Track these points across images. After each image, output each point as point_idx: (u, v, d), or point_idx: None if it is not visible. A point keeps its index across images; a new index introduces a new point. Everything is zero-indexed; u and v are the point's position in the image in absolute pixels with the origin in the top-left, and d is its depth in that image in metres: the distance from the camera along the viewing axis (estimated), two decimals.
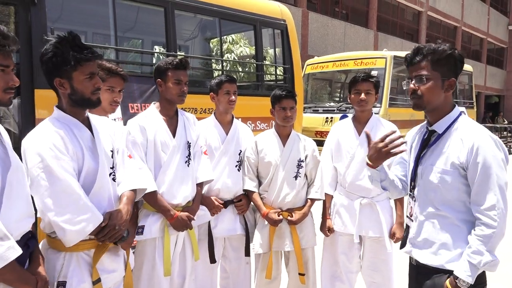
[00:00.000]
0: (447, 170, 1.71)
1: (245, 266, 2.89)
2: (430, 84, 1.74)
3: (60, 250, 1.73)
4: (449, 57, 1.73)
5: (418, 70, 1.76)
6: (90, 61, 1.71)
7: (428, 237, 1.78)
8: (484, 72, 27.73)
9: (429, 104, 1.77)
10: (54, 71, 1.69)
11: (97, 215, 1.71)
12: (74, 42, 1.68)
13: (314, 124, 8.15)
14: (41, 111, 3.33)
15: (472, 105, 12.15)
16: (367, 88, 2.70)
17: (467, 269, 1.63)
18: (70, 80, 1.70)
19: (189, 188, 2.48)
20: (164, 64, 2.44)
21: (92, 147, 1.77)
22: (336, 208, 2.84)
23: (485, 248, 1.61)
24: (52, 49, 1.68)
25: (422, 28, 22.48)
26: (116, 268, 1.89)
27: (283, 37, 5.54)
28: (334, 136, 2.87)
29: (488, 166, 1.63)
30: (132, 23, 5.16)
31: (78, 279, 1.73)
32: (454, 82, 1.75)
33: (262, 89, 5.27)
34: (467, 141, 1.68)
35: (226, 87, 2.74)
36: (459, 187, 1.71)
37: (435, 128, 1.80)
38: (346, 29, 17.76)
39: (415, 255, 1.85)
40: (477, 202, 1.66)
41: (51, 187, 1.62)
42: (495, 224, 1.61)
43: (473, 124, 1.76)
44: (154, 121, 2.43)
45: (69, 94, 1.72)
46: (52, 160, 1.63)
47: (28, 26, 3.33)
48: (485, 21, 28.09)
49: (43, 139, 1.66)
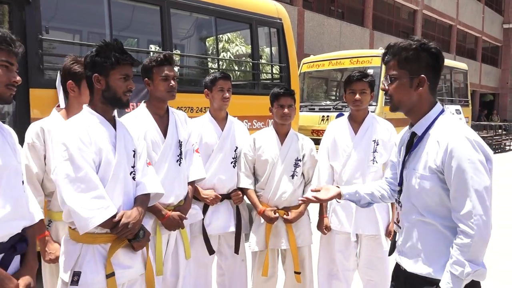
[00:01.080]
0: (426, 175, 1.61)
1: (240, 263, 2.90)
2: (396, 83, 1.66)
3: (79, 242, 1.83)
4: (418, 53, 1.63)
5: (389, 69, 1.69)
6: (127, 63, 1.89)
7: (414, 245, 1.69)
8: (479, 70, 27.88)
9: (401, 104, 1.69)
10: (95, 67, 1.86)
11: (111, 207, 1.79)
12: (117, 46, 1.88)
13: (310, 123, 8.15)
14: (36, 111, 3.31)
15: (468, 103, 12.22)
16: (362, 87, 2.70)
17: (449, 281, 1.53)
18: (107, 77, 1.86)
19: (181, 187, 2.47)
20: (149, 62, 2.42)
21: (114, 143, 1.88)
22: (332, 207, 2.84)
23: (465, 258, 1.50)
24: (98, 48, 1.88)
25: (417, 26, 22.56)
26: (132, 265, 1.93)
27: (279, 35, 5.55)
28: (330, 135, 2.87)
29: (462, 170, 1.51)
30: (127, 22, 5.13)
31: (92, 271, 1.80)
32: (424, 79, 1.63)
33: (258, 88, 5.27)
34: (442, 143, 1.57)
35: (220, 84, 2.74)
36: (440, 192, 1.60)
37: (415, 130, 1.71)
38: (342, 28, 17.79)
39: (403, 264, 1.76)
40: (456, 209, 1.55)
41: (72, 174, 1.73)
42: (473, 233, 1.49)
43: (450, 124, 1.63)
44: (144, 120, 2.41)
45: (103, 90, 1.88)
46: (75, 150, 1.75)
47: (23, 25, 3.31)
48: (480, 20, 28.23)
49: (70, 131, 1.81)
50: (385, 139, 2.75)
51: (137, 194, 1.98)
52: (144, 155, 2.10)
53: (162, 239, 2.39)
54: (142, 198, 1.99)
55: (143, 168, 2.04)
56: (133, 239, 1.89)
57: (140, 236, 1.91)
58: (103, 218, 1.76)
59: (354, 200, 2.04)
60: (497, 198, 7.79)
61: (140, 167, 2.02)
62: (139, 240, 1.91)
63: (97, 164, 1.82)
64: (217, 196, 2.72)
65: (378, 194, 2.01)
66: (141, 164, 2.04)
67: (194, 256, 2.70)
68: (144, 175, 2.03)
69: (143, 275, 2.00)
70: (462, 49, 26.98)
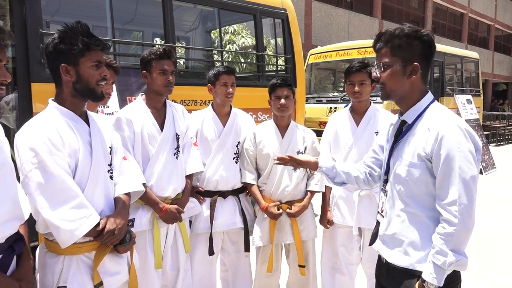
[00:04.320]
0: (415, 162, 1.60)
1: (244, 259, 2.87)
2: (389, 71, 1.63)
3: (59, 254, 1.65)
4: (411, 41, 1.60)
5: (380, 57, 1.66)
6: (98, 47, 1.67)
7: (397, 235, 1.67)
8: (491, 59, 27.34)
9: (393, 93, 1.66)
10: (61, 56, 1.63)
11: (94, 215, 1.63)
12: (83, 30, 1.65)
13: (318, 115, 8.07)
14: (39, 105, 3.31)
15: (479, 93, 11.98)
16: (361, 78, 2.63)
17: (432, 271, 1.51)
18: (77, 67, 1.64)
19: (178, 181, 2.45)
20: (148, 55, 2.38)
21: (89, 142, 1.71)
22: (335, 200, 2.80)
23: (448, 248, 1.49)
24: (60, 34, 1.63)
25: (428, 15, 22.16)
26: (120, 270, 1.81)
27: (284, 26, 5.47)
28: (332, 127, 2.82)
29: (451, 158, 1.50)
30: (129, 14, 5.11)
31: (78, 284, 1.65)
32: (417, 66, 1.61)
33: (263, 80, 5.21)
34: (433, 130, 1.56)
35: (223, 78, 2.67)
36: (427, 181, 1.59)
37: (405, 118, 1.69)
38: (350, 18, 17.55)
39: (384, 254, 1.74)
40: (440, 196, 1.54)
41: (46, 183, 1.54)
42: (456, 221, 1.48)
43: (442, 113, 1.62)
44: (141, 113, 2.38)
45: (74, 82, 1.65)
46: (46, 156, 1.55)
47: (23, 19, 3.30)
48: (493, 7, 27.62)
49: (37, 133, 1.58)
50: None
51: (116, 194, 1.82)
52: (120, 150, 1.93)
53: (160, 233, 2.38)
54: (123, 198, 1.83)
55: (119, 164, 1.88)
56: (119, 244, 1.75)
57: (126, 240, 1.77)
58: (87, 228, 1.59)
59: (330, 175, 1.99)
60: (509, 188, 7.60)
61: (117, 164, 1.86)
62: (126, 244, 1.77)
63: (72, 168, 1.63)
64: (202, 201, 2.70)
65: (354, 175, 1.98)
66: (118, 161, 1.87)
67: (200, 253, 2.69)
68: (121, 173, 1.87)
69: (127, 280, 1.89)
70: (474, 38, 26.47)
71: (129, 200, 1.90)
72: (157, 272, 2.37)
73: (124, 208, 1.81)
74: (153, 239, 2.35)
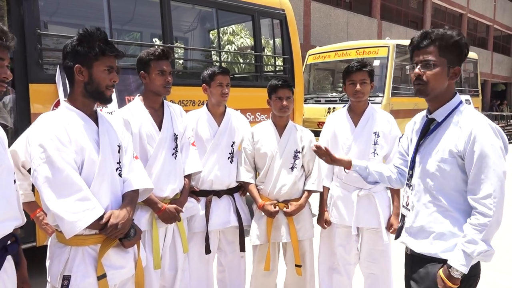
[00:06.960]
0: (445, 158, 1.68)
1: (239, 259, 2.88)
2: (437, 70, 1.69)
3: (66, 244, 1.74)
4: (456, 44, 1.68)
5: (425, 54, 1.69)
6: (113, 54, 1.79)
7: (424, 226, 1.76)
8: (490, 59, 27.38)
9: (433, 91, 1.72)
10: (77, 57, 1.75)
11: (97, 208, 1.70)
12: (101, 36, 1.77)
13: (317, 115, 8.07)
14: (37, 106, 3.31)
15: (477, 93, 11.98)
16: (362, 77, 2.63)
17: (461, 259, 1.60)
18: (90, 69, 1.76)
19: (177, 181, 2.45)
20: (146, 55, 2.38)
21: (97, 140, 1.79)
22: (333, 200, 2.80)
23: (480, 237, 1.58)
24: (79, 37, 1.76)
25: (427, 16, 22.19)
26: (125, 264, 1.86)
27: (282, 27, 5.47)
28: (330, 127, 2.82)
29: (485, 154, 1.60)
30: (127, 15, 5.11)
31: (82, 274, 1.73)
32: (459, 70, 1.70)
33: (261, 80, 5.21)
34: (465, 129, 1.65)
35: (219, 79, 2.69)
36: (457, 176, 1.68)
37: (435, 116, 1.77)
38: (349, 18, 17.57)
39: (409, 245, 1.83)
40: (473, 191, 1.63)
41: (53, 177, 1.64)
42: (491, 213, 1.58)
43: (473, 112, 1.72)
44: (139, 113, 2.38)
45: (86, 82, 1.77)
46: (54, 151, 1.65)
47: (21, 19, 3.30)
48: (491, 8, 27.67)
49: (46, 130, 1.69)
50: (386, 131, 2.69)
51: (125, 191, 1.89)
52: (130, 149, 2.01)
53: (158, 233, 2.38)
54: (130, 195, 1.90)
55: (129, 163, 1.95)
56: (123, 238, 1.82)
57: (131, 235, 1.84)
58: (90, 220, 1.67)
59: (363, 175, 2.13)
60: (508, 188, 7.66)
61: (126, 162, 1.93)
62: (130, 239, 1.84)
63: (79, 164, 1.72)
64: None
65: (387, 174, 2.09)
66: (128, 159, 1.95)
67: (196, 252, 2.69)
68: (131, 170, 1.94)
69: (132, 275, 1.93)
70: (473, 38, 26.50)
71: (136, 197, 1.96)
72: (155, 272, 2.37)
73: (130, 203, 1.87)
74: (151, 240, 2.35)
